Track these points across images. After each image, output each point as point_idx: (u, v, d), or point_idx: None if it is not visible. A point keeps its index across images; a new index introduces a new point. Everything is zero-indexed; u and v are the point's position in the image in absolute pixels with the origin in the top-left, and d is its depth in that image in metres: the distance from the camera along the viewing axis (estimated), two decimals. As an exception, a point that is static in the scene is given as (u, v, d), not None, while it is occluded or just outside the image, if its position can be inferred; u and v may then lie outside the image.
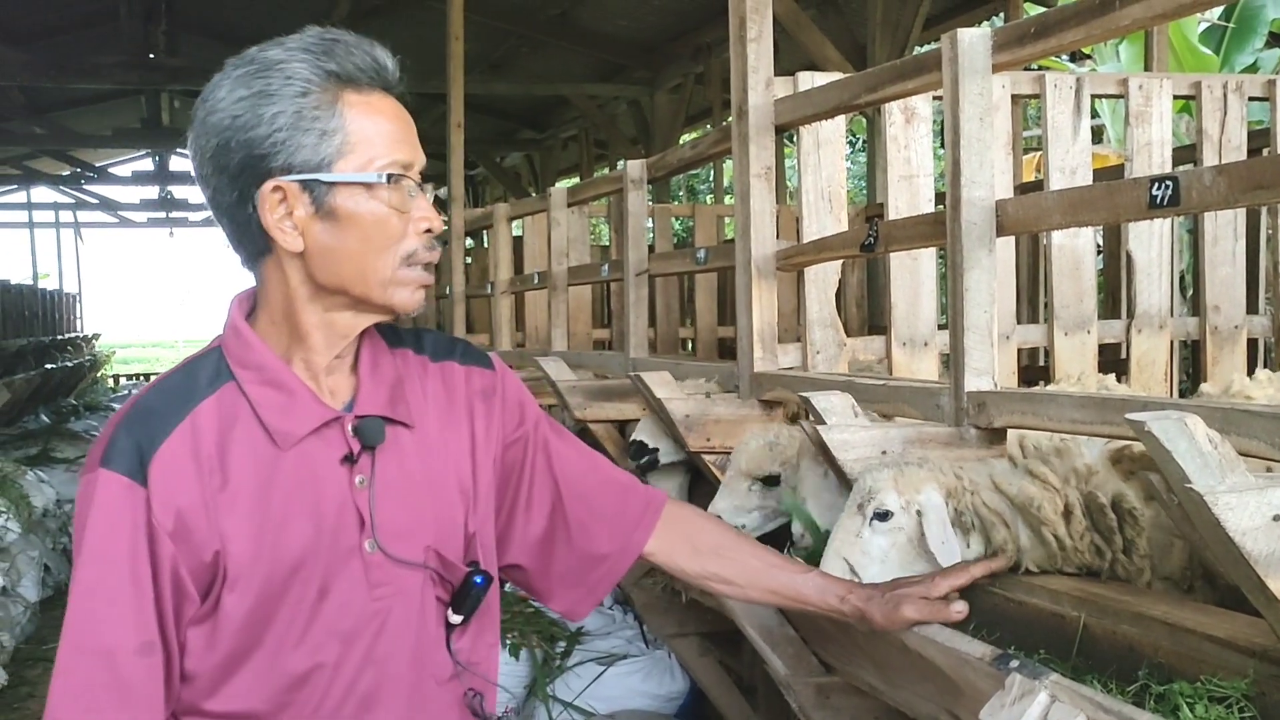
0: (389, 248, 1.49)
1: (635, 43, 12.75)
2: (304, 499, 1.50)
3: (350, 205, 1.47)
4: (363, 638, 1.53)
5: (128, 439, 1.46)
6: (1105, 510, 2.12)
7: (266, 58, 1.46)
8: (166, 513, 1.43)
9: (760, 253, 3.34)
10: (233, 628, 1.47)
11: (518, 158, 19.46)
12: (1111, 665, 1.91)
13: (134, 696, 1.43)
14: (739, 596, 1.92)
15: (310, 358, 1.53)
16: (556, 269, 5.59)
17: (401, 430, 1.58)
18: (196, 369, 1.54)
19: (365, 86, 1.49)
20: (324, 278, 1.49)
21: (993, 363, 2.39)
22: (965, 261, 2.38)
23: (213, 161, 1.47)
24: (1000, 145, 3.54)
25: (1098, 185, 2.33)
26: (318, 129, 1.45)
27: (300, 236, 1.47)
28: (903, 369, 3.40)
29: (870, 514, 2.13)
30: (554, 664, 4.25)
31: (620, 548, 1.78)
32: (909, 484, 2.14)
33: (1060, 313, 3.58)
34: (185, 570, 1.45)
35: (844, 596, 1.83)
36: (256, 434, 1.49)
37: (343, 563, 1.51)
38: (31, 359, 15.80)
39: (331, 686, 1.52)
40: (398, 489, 1.56)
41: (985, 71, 2.38)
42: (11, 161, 21.54)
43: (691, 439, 3.27)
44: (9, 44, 12.46)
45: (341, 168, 1.46)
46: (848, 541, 2.14)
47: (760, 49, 3.33)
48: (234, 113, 1.44)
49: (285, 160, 1.45)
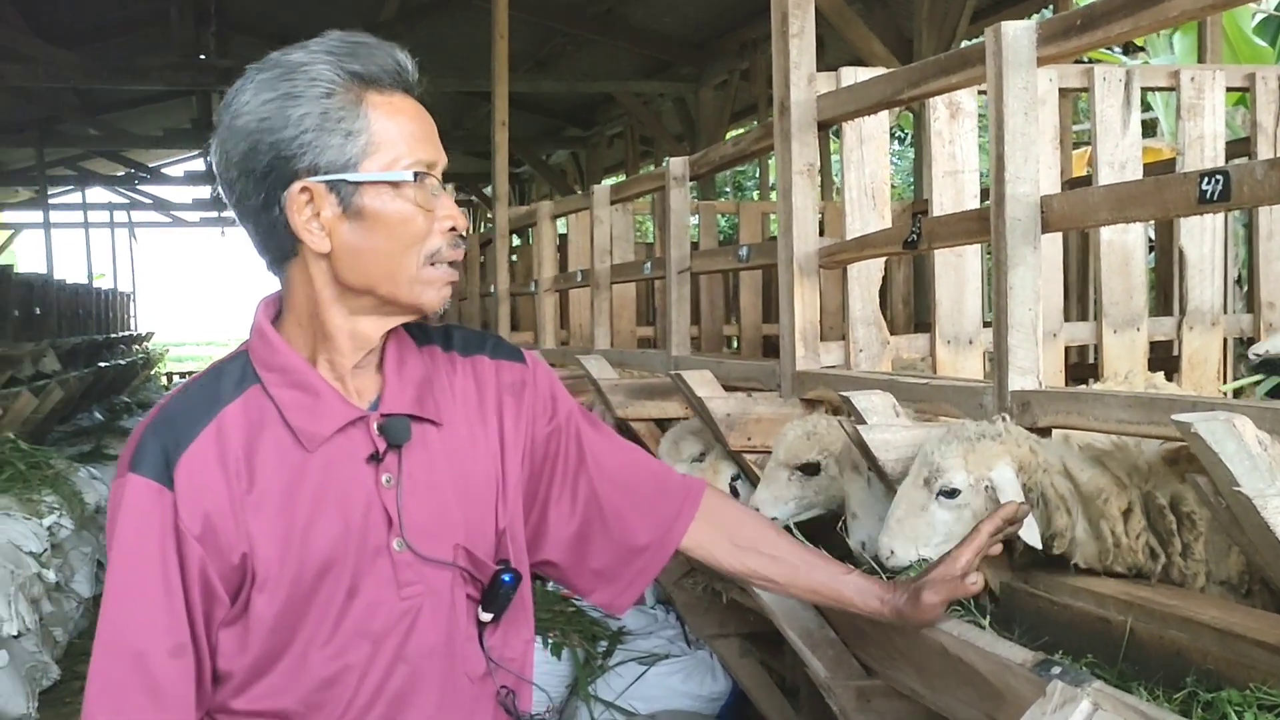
0: (415, 246, 1.49)
1: (681, 39, 12.72)
2: (331, 499, 1.50)
3: (377, 204, 1.47)
4: (392, 637, 1.53)
5: (155, 443, 1.47)
6: (1164, 512, 2.07)
7: (290, 61, 1.47)
8: (193, 516, 1.44)
9: (802, 250, 3.31)
10: (263, 629, 1.48)
11: (564, 155, 19.48)
12: (1159, 671, 1.87)
13: (166, 698, 1.44)
14: (776, 592, 1.90)
15: (336, 359, 1.53)
16: (599, 267, 5.58)
17: (429, 428, 1.57)
18: (223, 373, 1.54)
19: (387, 87, 1.49)
20: (351, 278, 1.49)
21: (1037, 361, 2.35)
22: (1010, 259, 2.34)
23: (240, 165, 1.47)
24: (1047, 140, 3.49)
25: (1146, 180, 2.29)
26: (343, 129, 1.45)
27: (327, 237, 1.48)
28: (947, 367, 3.35)
29: (937, 490, 2.09)
30: (595, 663, 4.24)
31: (659, 539, 1.76)
32: (980, 460, 2.09)
33: (1109, 310, 3.52)
34: (214, 573, 1.45)
35: (884, 598, 1.79)
36: (283, 436, 1.50)
37: (370, 562, 1.51)
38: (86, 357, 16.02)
39: (361, 686, 1.52)
40: (425, 487, 1.55)
41: (1030, 65, 2.34)
42: (67, 162, 21.85)
43: (732, 438, 3.25)
44: (62, 46, 12.63)
45: (367, 167, 1.47)
46: (912, 513, 2.11)
47: (802, 44, 3.30)
48: (260, 115, 1.45)
49: (312, 161, 1.45)
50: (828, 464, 2.76)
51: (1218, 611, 1.86)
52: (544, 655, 4.14)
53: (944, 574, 1.76)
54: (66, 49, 12.65)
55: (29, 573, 5.51)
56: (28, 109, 16.13)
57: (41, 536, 6.06)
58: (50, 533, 6.32)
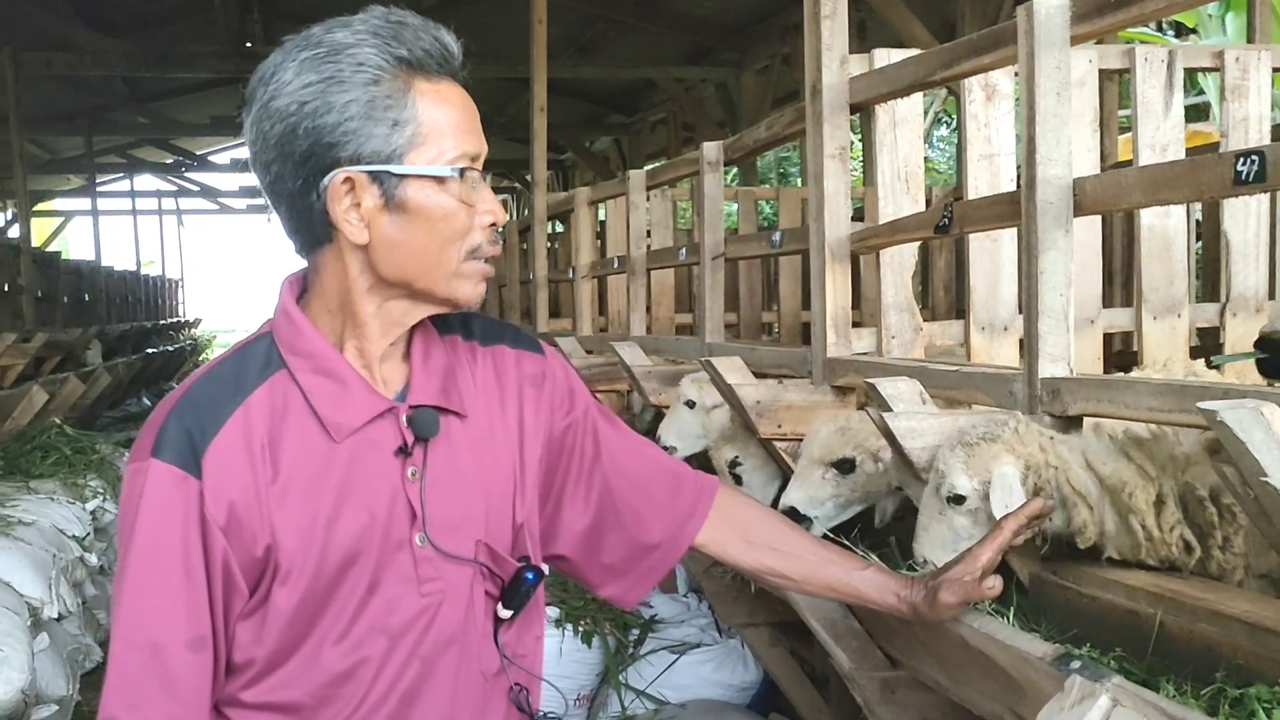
0: (456, 241, 1.45)
1: (722, 24, 12.64)
2: (357, 492, 1.46)
3: (420, 198, 1.42)
4: (410, 633, 1.49)
5: (179, 428, 1.42)
6: (1204, 503, 2.02)
7: (335, 41, 1.41)
8: (219, 506, 1.41)
9: (834, 235, 3.27)
10: (280, 622, 1.45)
11: (606, 142, 19.45)
12: (1188, 666, 1.82)
13: (182, 691, 1.41)
14: (794, 589, 1.86)
15: (364, 345, 1.49)
16: (635, 253, 5.55)
17: (453, 420, 1.54)
18: (248, 356, 1.50)
19: (434, 74, 1.44)
20: (387, 270, 1.45)
21: (1068, 348, 2.29)
22: (1040, 243, 2.29)
23: (277, 147, 1.42)
24: (1086, 122, 3.42)
25: (1180, 161, 2.23)
26: (390, 119, 1.40)
27: (366, 228, 1.43)
28: (982, 354, 3.30)
29: (945, 497, 2.07)
30: (626, 651, 4.22)
31: (671, 537, 1.73)
32: (980, 463, 2.06)
33: (1149, 296, 3.45)
34: (236, 564, 1.42)
35: (900, 594, 1.75)
36: (309, 425, 1.46)
37: (391, 557, 1.48)
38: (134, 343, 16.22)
39: (376, 681, 1.48)
40: (448, 481, 1.51)
41: (1063, 44, 2.28)
42: (116, 150, 22.11)
43: (763, 425, 3.21)
44: (109, 35, 12.75)
45: (413, 159, 1.41)
46: (934, 520, 2.10)
47: (835, 26, 3.25)
48: (302, 98, 1.39)
49: (355, 150, 1.40)
50: (863, 461, 2.72)
51: (1249, 605, 1.81)
52: (575, 643, 4.13)
53: (962, 574, 1.72)
54: (114, 38, 12.78)
55: (72, 556, 5.57)
56: (78, 97, 16.32)
57: (85, 521, 6.12)
58: (94, 517, 6.38)
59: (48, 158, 20.92)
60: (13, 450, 7.23)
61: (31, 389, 7.75)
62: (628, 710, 4.08)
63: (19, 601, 4.49)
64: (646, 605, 4.57)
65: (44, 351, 9.70)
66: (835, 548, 1.84)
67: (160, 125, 18.09)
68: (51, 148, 20.55)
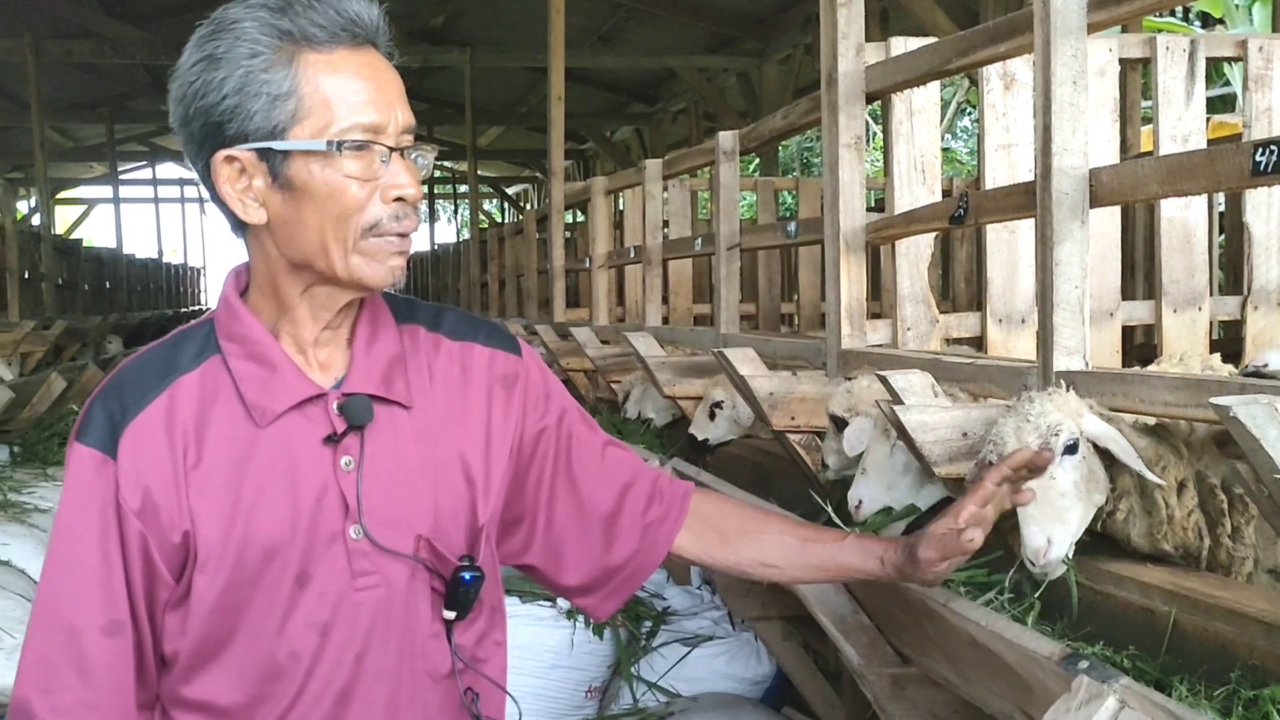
0: (347, 219, 1.37)
1: (744, 13, 12.60)
2: (281, 480, 1.41)
3: (304, 175, 1.36)
4: (341, 629, 1.43)
5: (102, 411, 1.40)
6: (1215, 491, 1.99)
7: (223, 17, 1.37)
8: (133, 490, 1.37)
9: (849, 225, 3.23)
10: (203, 612, 1.40)
11: (627, 132, 19.43)
12: (1202, 665, 1.79)
13: (97, 676, 1.38)
14: (782, 579, 1.80)
15: (297, 330, 1.45)
16: (651, 243, 5.52)
17: (397, 411, 1.48)
18: (184, 341, 1.47)
19: (325, 44, 1.36)
20: (287, 251, 1.40)
21: (1084, 341, 2.26)
22: (1056, 234, 2.25)
23: (181, 132, 1.40)
24: (1106, 112, 3.38)
25: (1198, 151, 2.19)
26: (267, 93, 1.34)
27: (262, 208, 1.39)
28: (998, 347, 3.27)
29: (1060, 449, 1.91)
30: (639, 644, 4.19)
31: (648, 545, 1.66)
32: (1072, 410, 1.96)
33: (1169, 288, 3.41)
34: (155, 550, 1.38)
35: (884, 557, 1.64)
36: (236, 410, 1.41)
37: (324, 549, 1.42)
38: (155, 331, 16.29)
39: (309, 680, 1.43)
40: (389, 473, 1.45)
41: (1079, 31, 2.24)
42: (138, 138, 22.21)
43: (775, 417, 3.19)
44: (130, 23, 12.80)
45: (296, 134, 1.35)
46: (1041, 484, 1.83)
47: (851, 14, 3.21)
48: (189, 79, 1.36)
49: (239, 128, 1.35)
50: (852, 423, 2.73)
51: (1266, 604, 1.77)
52: (586, 635, 4.10)
53: (942, 527, 1.59)
54: (135, 26, 12.82)
55: (87, 543, 5.59)
56: (100, 85, 16.41)
57: (101, 507, 6.13)
58: (109, 503, 6.39)
59: (71, 145, 21.04)
60: (31, 437, 7.26)
61: (50, 376, 7.78)
62: (639, 702, 4.05)
63: (33, 588, 4.50)
64: (659, 597, 4.54)
65: (63, 339, 9.74)
66: (812, 525, 1.78)
67: (182, 113, 18.13)
68: (74, 135, 20.68)
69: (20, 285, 10.29)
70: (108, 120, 18.06)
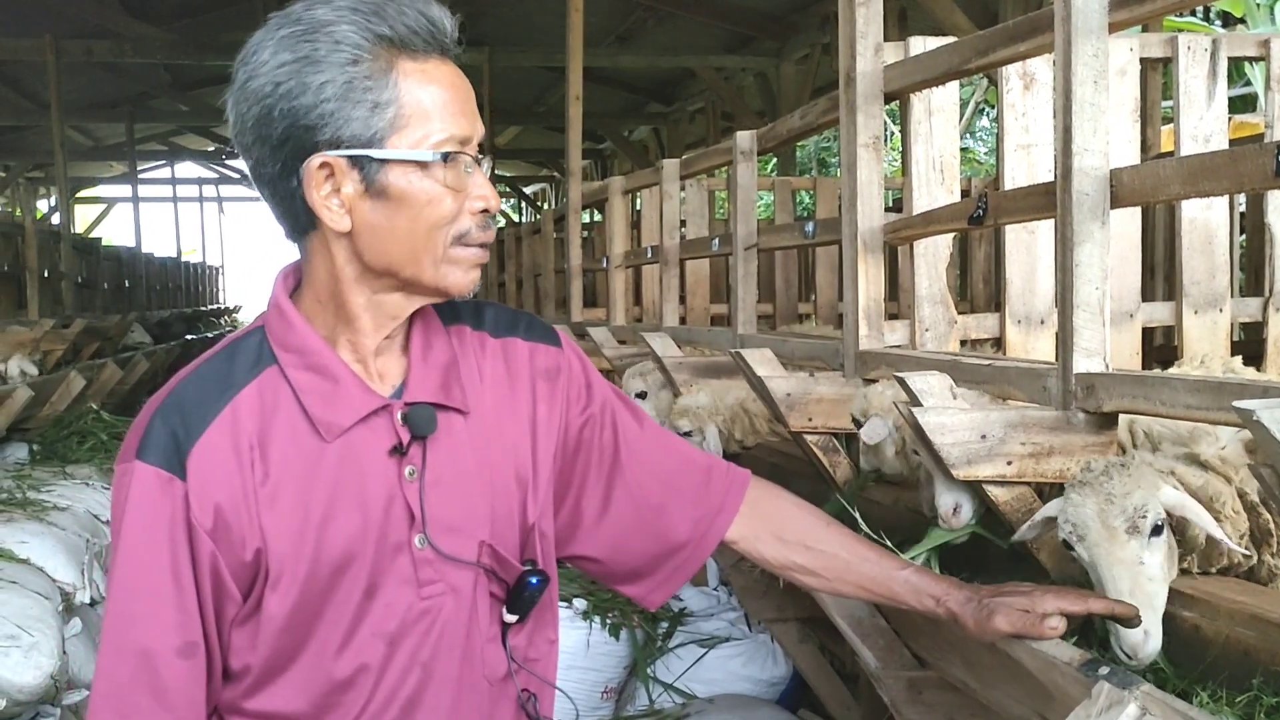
0: (442, 227, 1.39)
1: (762, 13, 12.57)
2: (350, 493, 1.41)
3: (403, 184, 1.36)
4: (410, 638, 1.44)
5: (164, 430, 1.38)
6: (1257, 509, 1.95)
7: (313, 18, 1.35)
8: (205, 510, 1.36)
9: (866, 226, 3.21)
10: (275, 628, 1.40)
11: (645, 131, 19.41)
12: (1224, 672, 1.77)
13: (172, 698, 1.37)
14: (824, 589, 1.76)
15: (358, 340, 1.44)
16: (668, 243, 5.51)
17: (455, 417, 1.48)
18: (237, 352, 1.45)
19: (420, 52, 1.37)
20: (371, 258, 1.40)
21: (1104, 343, 2.23)
22: (1076, 235, 2.23)
23: (254, 130, 1.36)
24: (1126, 112, 3.35)
25: (1220, 152, 2.16)
26: (369, 100, 1.34)
27: (347, 215, 1.37)
28: (1017, 348, 3.24)
29: (1148, 530, 1.81)
30: (655, 645, 4.19)
31: (700, 534, 1.66)
32: (1150, 483, 1.85)
33: (1190, 290, 3.38)
34: (225, 568, 1.38)
35: (939, 599, 1.66)
36: (299, 424, 1.40)
37: (390, 560, 1.42)
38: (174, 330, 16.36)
39: (377, 689, 1.43)
40: (450, 481, 1.45)
41: (1100, 30, 2.22)
42: (158, 138, 22.30)
43: (793, 418, 3.17)
44: (152, 23, 12.85)
45: (395, 143, 1.35)
46: (1131, 572, 1.79)
47: (869, 13, 3.19)
48: (277, 79, 1.33)
49: (333, 134, 1.34)
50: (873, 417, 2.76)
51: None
52: (602, 636, 4.10)
53: (1024, 605, 1.59)
54: (154, 26, 12.87)
55: (106, 542, 5.59)
56: (120, 85, 16.47)
57: (120, 506, 6.15)
58: (129, 502, 6.41)
59: (90, 144, 21.13)
60: (50, 435, 7.29)
61: (70, 374, 7.81)
62: (655, 704, 4.05)
63: (51, 586, 4.51)
64: (676, 598, 4.54)
65: (82, 338, 9.78)
66: (873, 545, 1.76)
67: (201, 112, 18.19)
68: (94, 135, 20.77)
69: (40, 284, 10.32)
70: (127, 120, 18.11)
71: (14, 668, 3.73)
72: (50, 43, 12.24)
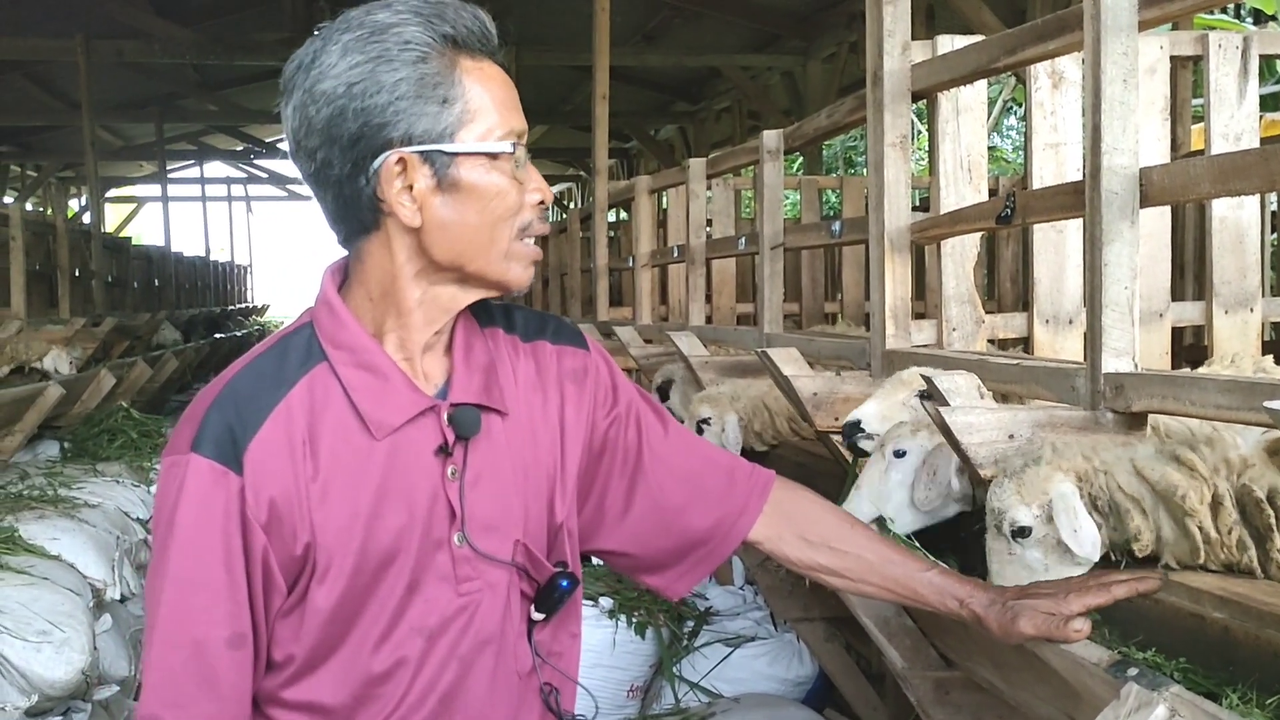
0: (508, 220, 1.43)
1: (788, 12, 12.54)
2: (397, 490, 1.43)
3: (473, 177, 1.40)
4: (448, 634, 1.47)
5: (220, 422, 1.39)
6: (1262, 505, 1.94)
7: (377, 21, 1.38)
8: (260, 503, 1.38)
9: (894, 225, 3.21)
10: (318, 620, 1.42)
11: (671, 130, 19.39)
12: (1254, 673, 1.76)
13: (222, 689, 1.39)
14: (848, 589, 1.77)
15: (407, 336, 1.46)
16: (695, 242, 5.51)
17: (494, 418, 1.51)
18: (289, 347, 1.47)
19: (477, 52, 1.42)
20: (438, 253, 1.42)
21: (1133, 342, 2.23)
22: (1105, 234, 2.22)
23: (324, 132, 1.39)
24: (1156, 111, 3.33)
25: (1251, 151, 2.15)
26: (439, 96, 1.38)
27: (419, 211, 1.41)
28: (1045, 348, 3.23)
29: (1009, 534, 1.98)
30: (681, 644, 4.20)
31: (722, 534, 1.68)
32: (1034, 489, 1.98)
33: (1220, 289, 3.36)
34: (275, 562, 1.40)
35: (964, 600, 1.65)
36: (349, 421, 1.43)
37: (430, 557, 1.45)
38: (203, 329, 16.46)
39: (414, 682, 1.46)
40: (488, 481, 1.49)
41: (1130, 29, 2.21)
42: (187, 137, 22.45)
43: (819, 417, 3.17)
44: (179, 23, 12.93)
45: (463, 137, 1.39)
46: (1005, 563, 2.00)
47: (896, 11, 3.19)
48: (350, 79, 1.37)
49: (406, 130, 1.37)
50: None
51: (1319, 612, 1.74)
52: (628, 634, 4.11)
53: (1049, 608, 1.58)
54: (183, 26, 12.95)
55: (136, 539, 5.63)
56: (149, 85, 16.59)
57: (149, 503, 6.20)
58: (158, 499, 6.45)
59: (120, 144, 21.29)
60: (81, 433, 7.35)
61: (100, 372, 7.87)
62: (681, 702, 4.05)
63: (82, 583, 4.55)
64: (701, 597, 4.54)
65: (112, 336, 9.86)
66: (899, 546, 1.77)
67: (230, 112, 18.31)
68: (124, 134, 20.92)
69: (71, 283, 10.41)
70: (157, 119, 18.24)
71: (46, 663, 3.77)
72: (81, 43, 12.34)
